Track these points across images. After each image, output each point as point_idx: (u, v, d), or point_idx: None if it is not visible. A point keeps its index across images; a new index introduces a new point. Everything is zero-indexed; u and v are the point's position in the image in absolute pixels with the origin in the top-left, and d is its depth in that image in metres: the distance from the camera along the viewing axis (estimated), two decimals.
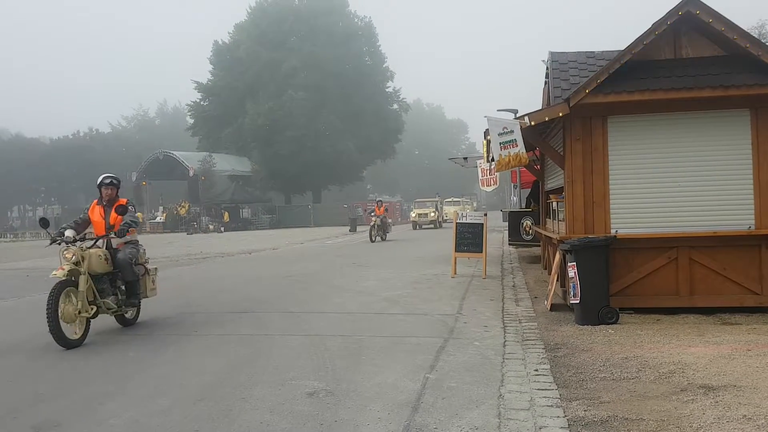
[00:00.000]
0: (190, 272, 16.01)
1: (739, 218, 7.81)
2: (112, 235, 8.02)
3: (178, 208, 50.05)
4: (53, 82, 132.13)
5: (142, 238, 9.65)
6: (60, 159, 70.78)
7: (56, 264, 7.65)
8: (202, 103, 59.66)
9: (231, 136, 56.36)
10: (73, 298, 7.30)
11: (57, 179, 72.64)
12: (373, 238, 24.63)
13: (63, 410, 4.94)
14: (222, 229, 46.01)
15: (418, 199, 45.80)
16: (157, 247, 27.63)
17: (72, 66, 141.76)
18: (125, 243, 8.22)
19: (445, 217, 46.57)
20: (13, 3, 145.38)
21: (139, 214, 47.13)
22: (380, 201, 26.60)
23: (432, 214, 38.10)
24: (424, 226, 38.33)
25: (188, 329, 7.96)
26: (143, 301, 8.62)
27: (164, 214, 50.80)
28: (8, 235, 53.44)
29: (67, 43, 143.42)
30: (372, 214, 26.06)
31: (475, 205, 60.00)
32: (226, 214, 49.03)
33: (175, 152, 53.00)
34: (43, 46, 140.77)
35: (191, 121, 61.80)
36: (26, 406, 5.06)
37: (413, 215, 39.00)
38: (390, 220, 26.81)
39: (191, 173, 49.94)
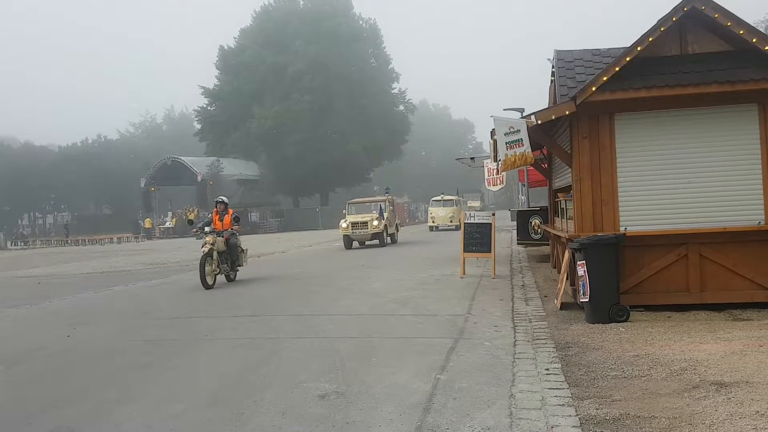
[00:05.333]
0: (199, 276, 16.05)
1: (749, 214, 7.77)
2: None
3: (188, 213, 50.33)
4: (61, 91, 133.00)
5: (151, 244, 9.77)
6: (69, 166, 71.18)
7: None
8: (208, 108, 59.89)
9: (238, 140, 56.56)
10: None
11: (66, 186, 73.05)
12: (208, 281, 12.53)
13: (77, 416, 4.99)
14: None
15: (353, 200, 27.78)
16: (167, 252, 27.78)
17: (79, 74, 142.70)
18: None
19: (432, 222, 35.95)
20: (22, 14, 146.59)
21: (147, 219, 46.63)
22: (222, 201, 13.92)
23: (375, 223, 23.13)
24: (367, 243, 24.14)
25: (200, 333, 8.01)
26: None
27: (173, 220, 51.08)
28: (19, 243, 53.77)
29: (73, 52, 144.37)
30: (207, 230, 13.19)
31: (479, 204, 56.73)
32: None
33: (183, 157, 53.28)
34: (50, 56, 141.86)
35: (198, 126, 62.05)
36: (41, 412, 5.11)
37: (343, 225, 23.62)
38: (245, 248, 14.20)
39: (199, 178, 50.16)
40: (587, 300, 7.49)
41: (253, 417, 4.63)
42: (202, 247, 12.84)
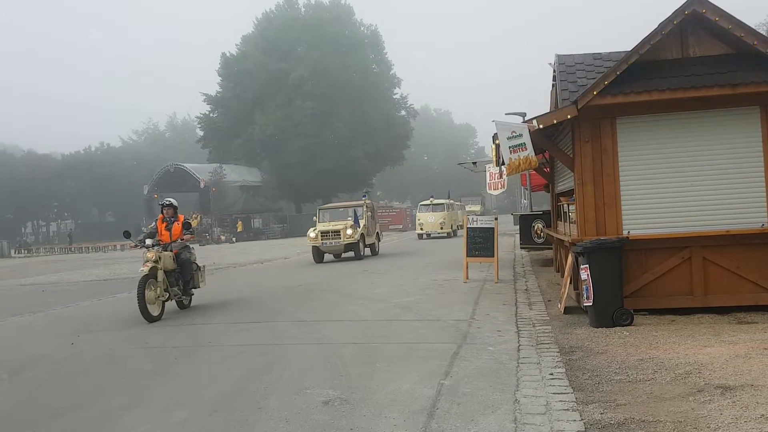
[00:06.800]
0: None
1: (752, 216, 7.75)
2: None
3: (190, 220, 50.37)
4: (63, 100, 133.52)
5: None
6: (72, 174, 71.46)
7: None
8: (211, 115, 60.08)
9: (241, 147, 56.72)
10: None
11: (69, 194, 73.30)
12: (152, 312, 9.63)
13: (82, 424, 4.99)
14: (234, 239, 46.25)
15: (325, 205, 24.76)
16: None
17: (81, 83, 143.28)
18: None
19: (420, 229, 32.50)
20: (24, 24, 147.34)
21: (150, 226, 46.42)
22: (171, 204, 11.14)
23: (349, 232, 19.70)
24: (343, 255, 20.97)
25: (203, 340, 8.01)
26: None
27: None
28: (23, 251, 53.91)
29: (75, 60, 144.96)
30: (149, 243, 10.20)
31: (479, 208, 55.08)
32: (240, 223, 49.28)
33: (185, 164, 53.44)
34: (53, 65, 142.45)
35: (201, 133, 62.25)
36: (46, 420, 5.11)
37: (312, 235, 20.22)
38: (202, 264, 11.64)
39: (202, 185, 50.29)
40: (591, 304, 7.48)
41: (258, 424, 4.63)
42: (142, 266, 9.86)
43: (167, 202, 11.09)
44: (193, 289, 11.03)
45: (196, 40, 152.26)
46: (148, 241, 10.21)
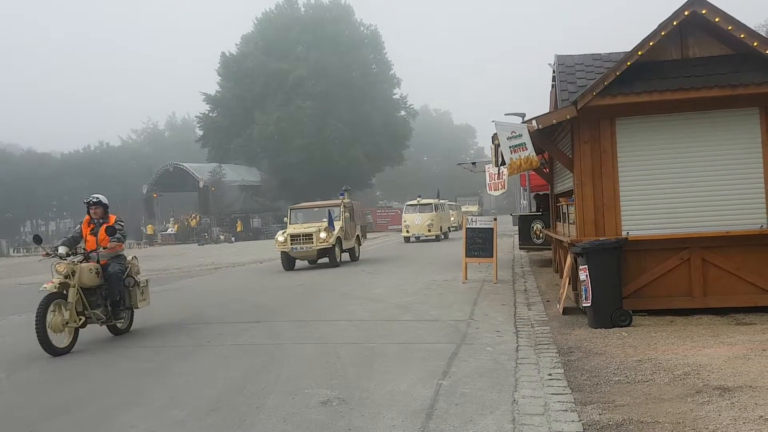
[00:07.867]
0: (201, 283, 16.08)
1: (751, 217, 7.75)
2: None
3: (189, 220, 50.38)
4: (63, 99, 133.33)
5: (154, 250, 9.79)
6: (71, 173, 71.37)
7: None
8: (210, 114, 60.03)
9: (240, 146, 56.68)
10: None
11: (69, 193, 73.18)
12: (56, 342, 7.47)
13: (80, 423, 4.99)
14: (233, 239, 46.19)
15: (297, 204, 21.92)
16: (168, 259, 27.81)
17: (81, 82, 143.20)
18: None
19: (406, 231, 29.47)
20: (25, 24, 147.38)
21: (150, 226, 44.37)
22: (99, 202, 8.57)
23: (323, 235, 17.23)
24: (319, 262, 18.58)
25: (201, 340, 8.00)
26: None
27: (175, 226, 51.17)
28: (21, 250, 53.84)
29: (74, 60, 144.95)
30: (62, 251, 8.06)
31: (477, 208, 53.82)
32: (239, 222, 49.26)
33: (185, 164, 53.34)
34: (52, 64, 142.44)
35: (200, 132, 62.20)
36: (44, 419, 5.11)
37: (280, 239, 17.80)
38: (142, 280, 9.06)
39: (201, 184, 50.23)
40: (590, 305, 7.48)
41: (255, 423, 4.63)
42: (46, 283, 7.75)
43: (94, 200, 8.62)
44: (123, 313, 8.58)
45: (196, 39, 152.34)
46: (62, 249, 8.08)
